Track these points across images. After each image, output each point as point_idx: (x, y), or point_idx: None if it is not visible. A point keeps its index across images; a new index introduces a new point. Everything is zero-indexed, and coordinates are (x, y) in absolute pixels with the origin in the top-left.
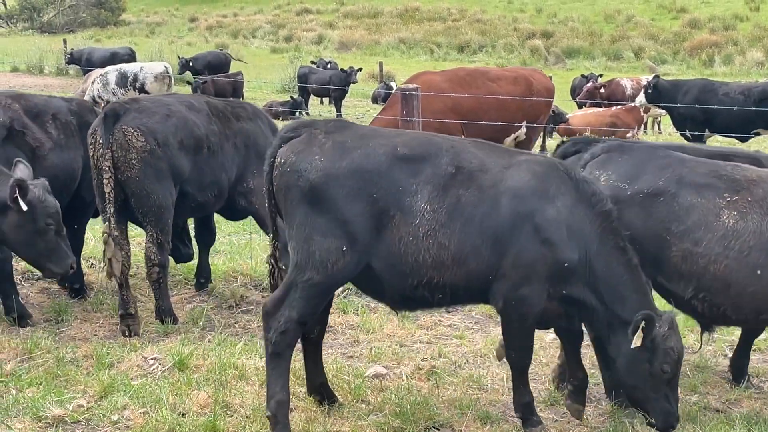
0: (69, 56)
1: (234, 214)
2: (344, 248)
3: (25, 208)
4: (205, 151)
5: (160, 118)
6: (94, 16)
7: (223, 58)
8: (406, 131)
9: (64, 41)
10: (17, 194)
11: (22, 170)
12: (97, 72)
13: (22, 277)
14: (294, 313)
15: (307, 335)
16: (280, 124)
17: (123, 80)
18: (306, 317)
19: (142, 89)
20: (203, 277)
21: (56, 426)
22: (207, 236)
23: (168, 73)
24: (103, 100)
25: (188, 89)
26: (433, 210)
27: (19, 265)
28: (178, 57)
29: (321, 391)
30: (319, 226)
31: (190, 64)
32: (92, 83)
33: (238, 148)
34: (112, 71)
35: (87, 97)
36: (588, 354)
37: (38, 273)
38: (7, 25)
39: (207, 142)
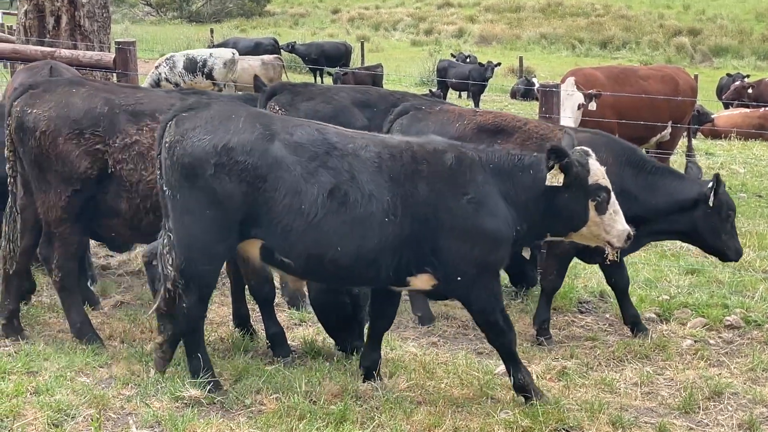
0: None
1: None
2: None
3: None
4: None
5: (311, 102)
6: (239, 6)
7: (343, 48)
8: None
9: (211, 30)
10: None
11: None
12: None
13: None
14: None
15: None
16: None
17: (192, 65)
18: None
19: (210, 75)
20: None
21: (192, 407)
22: None
23: (236, 59)
24: (170, 83)
25: (300, 77)
26: None
27: None
28: (287, 44)
29: None
30: None
31: (291, 47)
32: (157, 66)
33: None
34: (179, 56)
35: (150, 80)
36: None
37: None
38: (158, 13)
39: None
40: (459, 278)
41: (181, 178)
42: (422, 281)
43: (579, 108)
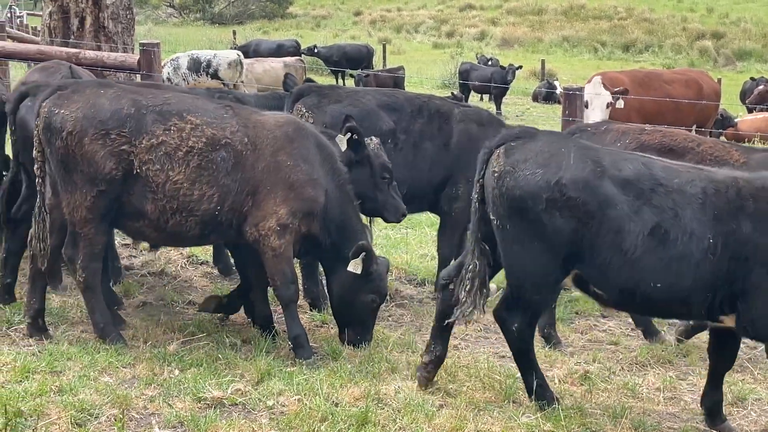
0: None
1: (440, 216)
2: None
3: None
4: (389, 146)
5: (338, 105)
6: (262, 8)
7: (365, 50)
8: None
9: (234, 32)
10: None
11: None
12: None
13: (187, 261)
14: None
15: None
16: None
17: (196, 65)
18: None
19: (215, 75)
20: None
21: (214, 407)
22: None
23: (241, 60)
24: (172, 83)
25: (322, 79)
26: None
27: (183, 249)
28: (308, 47)
29: None
30: None
31: (315, 50)
32: (162, 66)
33: (449, 150)
34: (183, 56)
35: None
36: None
37: (201, 257)
38: (180, 15)
39: (394, 139)
40: (762, 319)
41: (511, 209)
42: (731, 320)
43: (608, 107)
